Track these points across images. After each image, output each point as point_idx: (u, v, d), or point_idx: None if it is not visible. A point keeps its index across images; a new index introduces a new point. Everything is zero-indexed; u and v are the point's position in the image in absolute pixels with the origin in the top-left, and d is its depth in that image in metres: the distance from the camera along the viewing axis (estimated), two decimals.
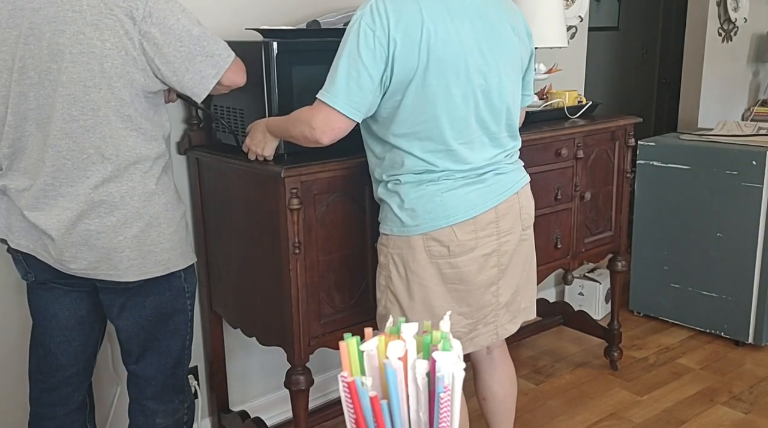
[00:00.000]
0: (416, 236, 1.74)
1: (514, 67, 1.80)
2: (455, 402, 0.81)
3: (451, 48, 1.65)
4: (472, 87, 1.70)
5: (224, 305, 2.28)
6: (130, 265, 1.69)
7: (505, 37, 1.76)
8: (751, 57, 4.77)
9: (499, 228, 1.79)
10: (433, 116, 1.68)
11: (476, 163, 1.75)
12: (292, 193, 1.85)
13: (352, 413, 0.82)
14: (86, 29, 1.56)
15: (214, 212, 2.20)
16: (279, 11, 2.35)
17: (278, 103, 1.88)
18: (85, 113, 1.60)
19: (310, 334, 1.97)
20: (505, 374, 2.10)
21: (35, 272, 1.76)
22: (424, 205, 1.72)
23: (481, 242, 1.77)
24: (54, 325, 1.81)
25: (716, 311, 3.19)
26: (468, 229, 1.74)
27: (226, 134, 2.10)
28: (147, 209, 1.69)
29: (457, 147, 1.72)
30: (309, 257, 1.92)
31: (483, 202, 1.76)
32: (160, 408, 1.87)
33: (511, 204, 1.82)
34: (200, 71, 1.66)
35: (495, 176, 1.79)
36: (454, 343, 0.83)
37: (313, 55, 1.95)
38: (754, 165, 2.97)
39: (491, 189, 1.78)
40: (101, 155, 1.62)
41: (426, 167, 1.72)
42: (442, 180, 1.73)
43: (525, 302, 1.97)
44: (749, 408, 2.69)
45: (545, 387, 2.87)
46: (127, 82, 1.61)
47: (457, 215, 1.73)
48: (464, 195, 1.74)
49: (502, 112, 1.78)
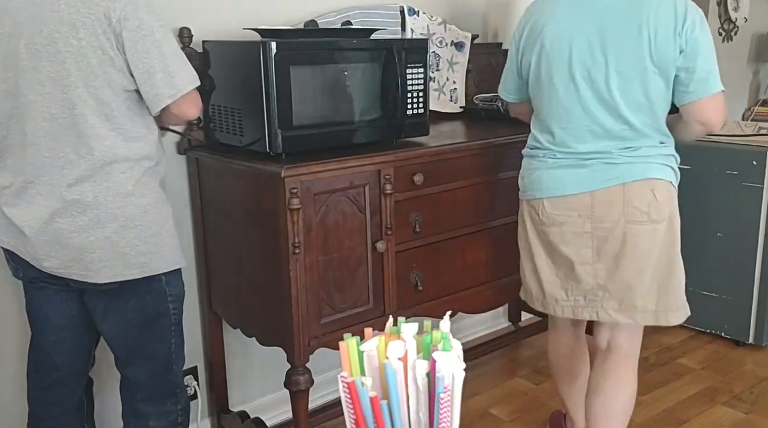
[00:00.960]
0: (524, 202, 2.05)
1: (635, 66, 1.84)
2: (455, 402, 0.81)
3: (557, 44, 1.89)
4: (574, 81, 1.88)
5: (224, 305, 2.28)
6: (102, 266, 1.68)
7: (625, 37, 1.84)
8: (751, 57, 4.76)
9: (594, 213, 1.91)
10: (539, 101, 1.98)
11: (578, 149, 1.92)
12: (292, 193, 1.84)
13: (352, 413, 0.82)
14: (62, 28, 1.57)
15: (214, 212, 2.20)
16: (278, 11, 2.35)
17: (276, 102, 1.88)
18: (63, 112, 1.61)
19: (310, 334, 1.97)
20: (612, 385, 2.05)
21: (23, 270, 1.77)
22: (528, 177, 2.02)
23: (571, 220, 1.94)
24: (47, 325, 1.81)
25: (717, 311, 3.19)
26: (558, 205, 1.94)
27: (225, 133, 2.10)
28: (123, 210, 1.67)
29: (557, 131, 1.94)
30: (309, 258, 1.92)
31: (577, 185, 1.92)
32: (153, 411, 1.86)
33: (613, 193, 1.89)
34: (156, 87, 1.64)
35: (601, 165, 1.90)
36: (454, 343, 0.83)
37: (311, 55, 1.95)
38: (754, 165, 2.97)
39: (591, 175, 1.91)
40: (77, 153, 1.62)
41: (535, 145, 2.02)
42: (546, 158, 1.96)
43: (649, 302, 1.95)
44: (750, 408, 2.69)
45: (545, 387, 2.86)
46: (104, 81, 1.61)
47: (548, 191, 1.95)
48: (559, 176, 1.94)
49: (613, 105, 1.87)
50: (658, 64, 1.84)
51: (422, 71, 2.14)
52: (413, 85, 2.13)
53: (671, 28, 1.82)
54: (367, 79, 2.06)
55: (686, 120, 1.93)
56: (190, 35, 2.12)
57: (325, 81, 2.00)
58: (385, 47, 2.07)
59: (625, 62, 1.84)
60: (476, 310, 2.48)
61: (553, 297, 2.04)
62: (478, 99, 2.79)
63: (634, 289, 1.94)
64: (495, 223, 2.36)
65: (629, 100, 1.86)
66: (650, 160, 1.91)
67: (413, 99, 2.14)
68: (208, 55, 2.12)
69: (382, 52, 2.07)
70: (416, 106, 2.15)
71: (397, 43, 2.07)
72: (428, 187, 2.15)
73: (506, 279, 2.44)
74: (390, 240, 2.08)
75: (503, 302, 2.68)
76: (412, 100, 2.13)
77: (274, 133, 1.89)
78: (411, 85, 2.12)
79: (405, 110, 2.11)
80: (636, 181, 1.88)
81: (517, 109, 2.23)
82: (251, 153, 1.98)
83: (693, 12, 1.86)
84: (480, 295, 2.39)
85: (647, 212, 1.89)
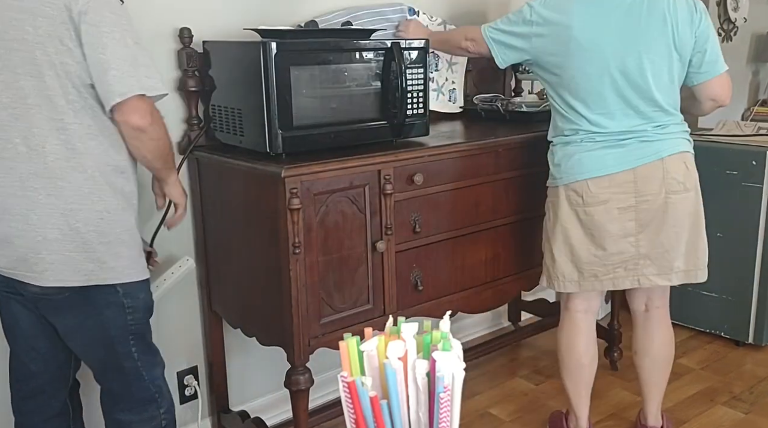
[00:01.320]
0: (560, 187, 2.15)
1: (663, 53, 2.07)
2: (455, 402, 0.81)
3: (588, 34, 2.04)
4: (608, 68, 2.05)
5: (224, 305, 2.28)
6: (45, 268, 1.60)
7: (653, 27, 2.05)
8: (751, 57, 4.76)
9: (637, 187, 2.09)
10: (574, 91, 2.10)
11: (614, 128, 2.08)
12: (292, 193, 1.84)
13: (352, 413, 0.82)
14: (21, 15, 1.53)
15: (214, 212, 2.20)
16: (277, 12, 2.35)
17: (276, 103, 1.88)
18: (15, 101, 1.55)
19: (310, 334, 1.97)
20: (659, 337, 2.35)
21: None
22: (566, 162, 2.13)
23: (615, 196, 2.10)
24: (18, 333, 1.77)
25: (716, 312, 3.19)
26: (602, 184, 2.09)
27: (225, 133, 2.10)
28: (75, 213, 1.59)
29: (593, 116, 2.09)
30: (309, 258, 1.92)
31: (619, 163, 2.08)
32: (135, 418, 1.82)
33: (653, 168, 2.09)
34: (108, 83, 1.56)
35: (638, 143, 2.09)
36: (454, 343, 0.83)
37: (311, 55, 1.95)
38: (754, 165, 2.97)
39: (631, 153, 2.08)
40: (27, 146, 1.56)
41: (570, 131, 2.13)
42: (584, 142, 2.10)
43: (681, 262, 2.18)
44: (749, 408, 2.69)
45: (546, 388, 2.87)
46: (61, 72, 1.55)
47: (592, 172, 2.09)
48: (599, 156, 2.09)
49: (646, 89, 2.07)
50: (679, 50, 2.09)
51: (422, 71, 2.15)
52: (413, 86, 2.13)
53: (688, 18, 2.08)
54: (367, 79, 2.07)
55: (699, 98, 2.20)
56: (190, 35, 2.12)
57: (325, 81, 2.00)
58: (385, 47, 2.07)
59: (655, 50, 2.05)
60: (476, 310, 2.48)
61: (592, 273, 2.18)
62: (477, 99, 2.79)
63: (672, 253, 2.16)
64: (495, 223, 2.36)
65: (659, 84, 2.08)
66: (678, 135, 2.14)
67: (413, 99, 2.14)
68: (208, 55, 2.12)
69: (382, 52, 2.07)
70: (416, 106, 2.15)
71: (397, 44, 2.07)
72: (428, 187, 2.15)
73: (506, 279, 2.44)
74: (390, 240, 2.08)
75: (503, 302, 2.68)
76: (412, 101, 2.13)
77: (274, 133, 1.89)
78: (411, 85, 2.12)
79: (405, 110, 2.11)
80: (672, 155, 2.10)
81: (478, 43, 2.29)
82: (251, 153, 1.98)
83: (700, 3, 2.15)
84: (480, 295, 2.39)
85: (683, 181, 2.13)
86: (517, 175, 2.39)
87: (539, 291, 3.38)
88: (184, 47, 2.12)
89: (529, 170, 2.42)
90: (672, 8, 2.06)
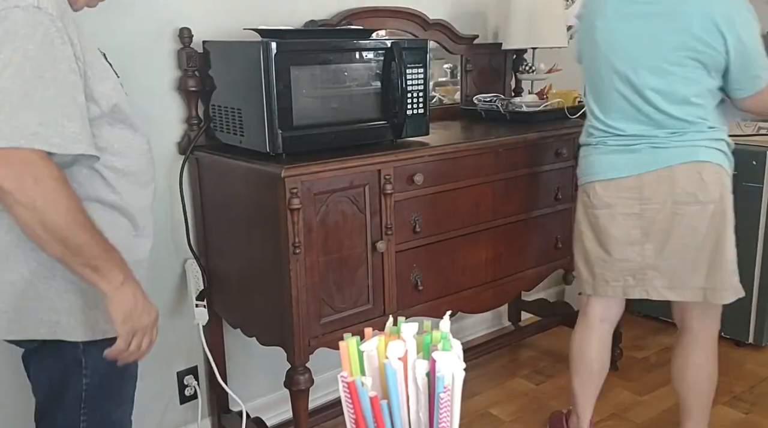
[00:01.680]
0: (580, 188, 2.20)
1: (673, 61, 1.96)
2: (455, 402, 0.81)
3: (600, 37, 2.05)
4: (616, 73, 2.03)
5: (224, 305, 2.28)
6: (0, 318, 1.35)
7: (668, 36, 1.95)
8: None
9: (642, 195, 2.05)
10: (588, 91, 2.15)
11: (625, 131, 2.06)
12: (292, 193, 1.84)
13: (352, 413, 0.82)
14: None
15: (214, 213, 2.20)
16: (277, 12, 2.35)
17: (276, 102, 1.88)
18: None
19: (310, 334, 1.97)
20: (694, 361, 2.21)
21: None
22: (583, 163, 2.17)
23: (620, 201, 2.07)
24: None
25: None
26: (608, 188, 2.08)
27: (225, 133, 2.10)
28: (35, 252, 1.29)
29: (604, 117, 2.09)
30: (309, 258, 1.92)
31: (626, 168, 2.06)
32: None
33: (661, 176, 2.02)
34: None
35: (650, 149, 2.03)
36: (454, 343, 0.83)
37: (311, 55, 1.95)
38: (754, 165, 2.97)
39: (640, 159, 2.04)
40: None
41: (589, 133, 2.16)
42: (599, 145, 2.11)
43: (701, 279, 2.06)
44: (750, 408, 2.69)
45: (546, 388, 2.87)
46: None
47: (600, 174, 2.09)
48: (610, 160, 2.08)
49: (652, 97, 2.00)
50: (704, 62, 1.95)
51: (422, 71, 2.15)
52: (413, 85, 2.13)
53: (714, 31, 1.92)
54: (367, 79, 2.07)
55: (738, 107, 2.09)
56: (190, 35, 2.12)
57: (325, 81, 2.00)
58: (385, 47, 2.07)
59: (666, 59, 1.97)
60: (476, 310, 2.48)
61: (603, 279, 2.16)
62: (477, 99, 2.79)
63: (683, 267, 2.06)
64: (495, 223, 2.36)
65: (673, 98, 1.98)
66: (698, 144, 2.01)
67: (413, 99, 2.14)
68: (208, 55, 2.12)
69: (382, 52, 2.07)
70: (416, 106, 2.15)
71: (397, 44, 2.07)
72: (428, 187, 2.15)
73: (506, 279, 2.44)
74: (390, 240, 2.08)
75: (503, 302, 2.68)
76: (412, 101, 2.14)
77: (274, 133, 1.89)
78: (411, 85, 2.12)
79: (405, 110, 2.11)
80: (683, 164, 2.00)
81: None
82: (251, 153, 1.98)
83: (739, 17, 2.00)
84: (480, 295, 2.39)
85: (693, 193, 2.01)
86: (518, 175, 2.39)
87: (539, 291, 3.39)
88: (184, 47, 2.12)
89: (529, 170, 2.42)
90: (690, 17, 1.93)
